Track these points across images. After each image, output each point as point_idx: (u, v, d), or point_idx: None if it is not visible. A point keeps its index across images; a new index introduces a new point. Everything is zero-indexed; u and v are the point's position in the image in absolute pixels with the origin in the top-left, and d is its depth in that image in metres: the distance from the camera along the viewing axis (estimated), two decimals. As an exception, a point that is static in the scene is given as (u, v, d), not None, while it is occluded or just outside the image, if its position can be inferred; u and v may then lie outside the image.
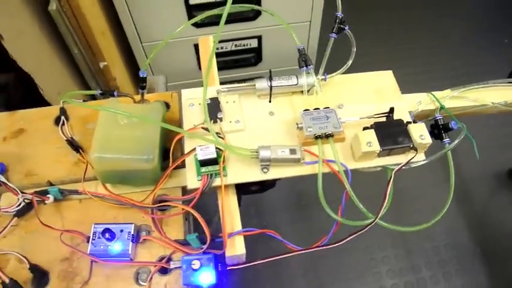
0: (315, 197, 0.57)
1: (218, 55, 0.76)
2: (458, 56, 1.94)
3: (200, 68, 1.34)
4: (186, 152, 0.60)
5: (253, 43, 1.29)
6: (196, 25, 1.19)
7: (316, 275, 1.38)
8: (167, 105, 0.74)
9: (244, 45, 1.29)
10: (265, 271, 1.38)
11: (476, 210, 1.54)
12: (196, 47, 1.26)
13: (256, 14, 1.21)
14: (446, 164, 0.63)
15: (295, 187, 1.56)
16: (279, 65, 1.32)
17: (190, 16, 1.20)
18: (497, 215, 1.52)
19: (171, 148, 0.62)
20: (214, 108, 0.62)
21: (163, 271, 0.60)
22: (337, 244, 0.57)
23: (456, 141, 0.62)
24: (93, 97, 0.83)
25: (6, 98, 1.09)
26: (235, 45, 1.29)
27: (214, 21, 1.15)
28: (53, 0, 0.88)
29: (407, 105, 0.67)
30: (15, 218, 0.65)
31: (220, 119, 0.62)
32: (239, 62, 1.35)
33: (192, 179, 0.59)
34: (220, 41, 1.27)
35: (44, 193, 0.65)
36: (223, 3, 0.60)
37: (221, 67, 0.69)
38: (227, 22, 1.22)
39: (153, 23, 1.17)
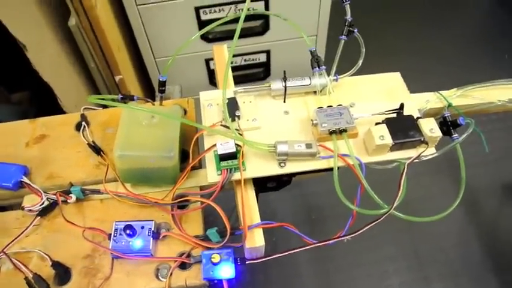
0: (325, 212, 0.58)
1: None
2: (457, 67, 1.96)
3: (211, 83, 1.38)
4: (205, 149, 0.63)
5: (262, 57, 1.33)
6: (208, 40, 1.24)
7: (328, 289, 1.38)
8: (184, 111, 0.77)
9: (253, 59, 1.33)
10: (276, 285, 1.38)
11: (486, 222, 1.54)
12: (207, 62, 1.30)
13: (265, 29, 1.27)
14: (453, 176, 0.64)
15: (305, 202, 1.57)
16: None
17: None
18: (507, 227, 1.52)
19: (191, 145, 0.64)
20: (232, 107, 0.65)
21: (183, 267, 0.62)
22: (353, 235, 0.59)
23: (465, 135, 0.64)
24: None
25: (21, 112, 1.12)
26: (245, 60, 1.34)
27: (225, 36, 1.20)
28: (72, 15, 0.93)
29: (416, 103, 0.70)
30: (38, 218, 0.67)
31: (238, 117, 0.65)
32: (248, 76, 1.39)
33: (212, 173, 0.61)
34: (230, 56, 1.31)
35: (67, 193, 0.67)
36: (234, 18, 0.63)
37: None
38: (237, 37, 1.26)
39: (166, 39, 1.21)
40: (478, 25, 2.26)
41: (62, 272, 0.62)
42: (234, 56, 1.33)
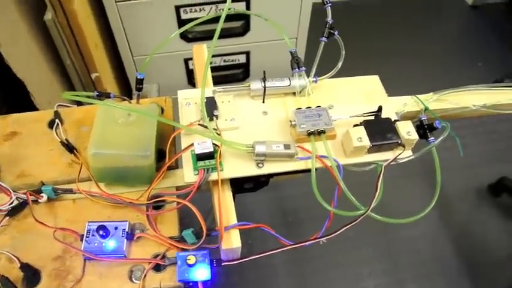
0: (301, 214, 0.58)
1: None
2: (432, 74, 2.03)
3: (189, 83, 1.37)
4: (182, 148, 0.62)
5: (242, 59, 1.33)
6: (187, 40, 1.23)
7: (304, 289, 1.38)
8: (161, 110, 0.76)
9: (232, 60, 1.33)
10: (253, 286, 1.37)
11: (460, 225, 1.57)
12: (186, 61, 1.29)
13: (245, 30, 1.26)
14: (429, 179, 0.65)
15: (282, 205, 1.57)
16: (266, 81, 1.33)
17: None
18: (480, 229, 1.56)
19: (168, 144, 0.63)
20: (210, 107, 0.64)
21: (157, 268, 0.60)
22: (330, 236, 0.59)
23: (441, 138, 0.65)
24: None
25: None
26: (224, 61, 1.34)
27: (204, 37, 1.19)
28: (49, 9, 0.90)
29: (394, 106, 0.71)
30: (7, 218, 0.64)
31: (216, 117, 0.64)
32: (228, 77, 1.39)
33: (188, 173, 0.60)
34: (210, 56, 1.31)
35: (38, 192, 0.65)
36: (214, 18, 0.63)
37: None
38: (217, 37, 1.26)
39: (145, 37, 1.19)
40: (452, 33, 2.32)
41: (31, 274, 0.59)
42: (214, 56, 1.32)
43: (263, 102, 0.69)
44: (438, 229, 1.55)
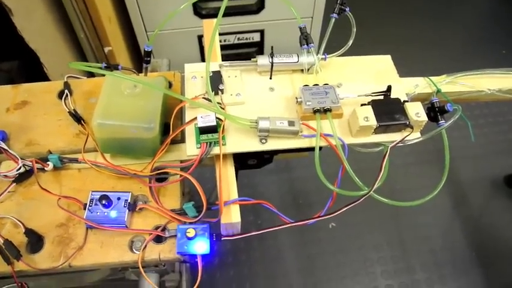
0: (312, 196, 0.57)
1: (221, 48, 0.78)
2: (455, 60, 1.97)
3: (202, 60, 1.36)
4: (186, 121, 0.61)
5: (256, 37, 1.31)
6: (201, 16, 1.22)
7: (311, 272, 1.38)
8: (169, 85, 0.75)
9: (246, 38, 1.32)
10: (259, 268, 1.38)
11: (473, 214, 1.55)
12: (199, 38, 1.28)
13: (260, 8, 1.25)
14: (442, 165, 0.64)
15: (293, 187, 1.57)
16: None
17: (195, 5, 1.22)
18: (493, 220, 1.53)
19: (172, 117, 0.63)
20: (216, 81, 0.63)
21: (158, 240, 0.61)
22: (332, 215, 0.58)
23: (451, 121, 0.63)
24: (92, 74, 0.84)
25: (10, 80, 1.10)
26: (238, 39, 1.32)
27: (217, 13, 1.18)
28: (62, -18, 0.91)
29: (405, 87, 0.69)
30: (14, 184, 0.65)
31: (222, 91, 0.63)
32: (241, 55, 1.37)
33: (191, 146, 0.60)
34: (223, 34, 1.30)
35: (44, 160, 0.66)
36: None
37: (223, 60, 0.72)
38: (230, 14, 1.25)
39: (158, 11, 1.19)
40: (477, 20, 2.25)
41: (35, 240, 0.61)
42: (228, 34, 1.31)
43: (270, 78, 0.68)
44: (451, 218, 1.52)
